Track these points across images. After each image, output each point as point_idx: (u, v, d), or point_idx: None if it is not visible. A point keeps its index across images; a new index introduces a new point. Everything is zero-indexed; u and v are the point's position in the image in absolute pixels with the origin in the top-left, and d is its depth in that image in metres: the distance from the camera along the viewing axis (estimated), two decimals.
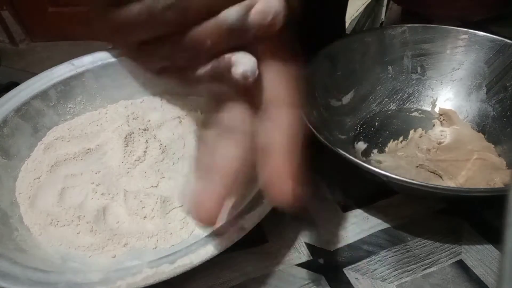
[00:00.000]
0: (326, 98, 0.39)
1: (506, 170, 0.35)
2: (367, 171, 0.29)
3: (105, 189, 0.34)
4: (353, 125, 0.40)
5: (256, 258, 0.31)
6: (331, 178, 0.37)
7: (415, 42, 0.42)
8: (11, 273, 0.26)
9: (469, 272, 0.30)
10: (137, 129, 0.38)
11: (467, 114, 0.40)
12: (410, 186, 0.28)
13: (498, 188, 0.31)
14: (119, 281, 0.25)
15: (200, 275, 0.30)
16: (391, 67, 0.42)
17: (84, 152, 0.37)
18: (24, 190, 0.34)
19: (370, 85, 0.42)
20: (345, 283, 0.30)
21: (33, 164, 0.36)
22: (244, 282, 0.30)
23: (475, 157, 0.36)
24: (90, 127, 0.39)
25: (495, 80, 0.39)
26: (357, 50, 0.42)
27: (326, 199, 0.36)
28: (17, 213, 0.33)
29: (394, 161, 0.37)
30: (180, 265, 0.25)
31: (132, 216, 0.33)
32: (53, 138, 0.38)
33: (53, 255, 0.30)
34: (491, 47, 0.39)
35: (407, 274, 0.30)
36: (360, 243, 0.32)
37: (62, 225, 0.32)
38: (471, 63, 0.40)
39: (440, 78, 0.42)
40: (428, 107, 0.42)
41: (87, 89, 0.41)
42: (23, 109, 0.38)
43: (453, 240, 0.32)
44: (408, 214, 0.34)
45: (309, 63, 0.38)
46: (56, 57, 0.42)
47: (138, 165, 0.36)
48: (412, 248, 0.32)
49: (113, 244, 0.31)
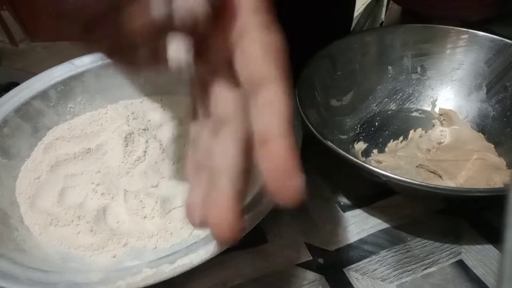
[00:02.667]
0: (326, 98, 0.39)
1: (506, 170, 0.35)
2: (367, 171, 0.29)
3: (105, 189, 0.34)
4: (353, 125, 0.40)
5: (256, 258, 0.31)
6: (331, 178, 0.37)
7: (415, 42, 0.42)
8: (11, 273, 0.26)
9: (469, 272, 0.30)
10: (137, 129, 0.38)
11: (467, 114, 0.40)
12: (410, 186, 0.28)
13: (498, 188, 0.31)
14: (119, 281, 0.25)
15: (200, 275, 0.30)
16: (391, 67, 0.42)
17: (84, 152, 0.37)
18: (24, 190, 0.34)
19: (370, 85, 0.42)
20: (345, 283, 0.30)
21: (33, 164, 0.36)
22: (244, 282, 0.30)
23: (475, 157, 0.36)
24: (90, 127, 0.39)
25: (495, 80, 0.39)
26: (357, 50, 0.42)
27: (326, 199, 0.36)
28: (17, 213, 0.33)
29: (394, 161, 0.37)
30: (180, 265, 0.25)
31: (132, 216, 0.33)
32: (53, 138, 0.38)
33: (53, 255, 0.30)
34: (491, 47, 0.39)
35: (407, 274, 0.30)
36: (360, 243, 0.32)
37: (62, 225, 0.32)
38: (471, 63, 0.40)
39: (440, 78, 0.42)
40: (428, 107, 0.42)
41: (87, 89, 0.41)
42: (23, 109, 0.38)
43: (453, 240, 0.32)
44: (408, 214, 0.34)
45: (309, 63, 0.38)
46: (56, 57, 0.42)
47: (138, 165, 0.36)
48: (412, 248, 0.32)
49: (113, 244, 0.31)
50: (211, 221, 0.19)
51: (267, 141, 0.18)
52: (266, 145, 0.18)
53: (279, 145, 0.18)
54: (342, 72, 0.41)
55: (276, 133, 0.18)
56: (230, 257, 0.31)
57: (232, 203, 0.19)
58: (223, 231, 0.19)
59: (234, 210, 0.19)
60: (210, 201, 0.20)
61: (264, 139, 0.18)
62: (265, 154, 0.18)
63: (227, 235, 0.19)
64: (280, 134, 0.18)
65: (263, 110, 0.19)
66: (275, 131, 0.18)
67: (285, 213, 0.34)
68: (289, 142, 0.18)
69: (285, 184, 0.18)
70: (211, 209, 0.19)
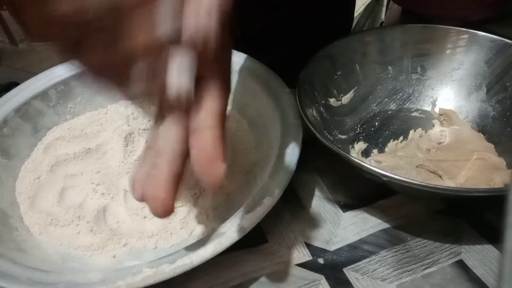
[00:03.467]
0: (326, 98, 0.39)
1: (506, 170, 0.35)
2: (367, 171, 0.29)
3: (105, 189, 0.34)
4: (353, 125, 0.40)
5: (256, 258, 0.31)
6: (331, 178, 0.37)
7: (415, 42, 0.42)
8: (11, 273, 0.26)
9: (469, 272, 0.30)
10: (137, 129, 0.38)
11: (467, 114, 0.40)
12: (410, 186, 0.28)
13: (498, 188, 0.31)
14: (119, 281, 0.25)
15: (200, 275, 0.30)
16: (391, 67, 0.42)
17: (84, 152, 0.37)
18: (24, 190, 0.34)
19: (370, 85, 0.42)
20: (345, 283, 0.30)
21: (33, 164, 0.36)
22: (244, 282, 0.30)
23: (475, 157, 0.36)
24: (90, 127, 0.39)
25: (495, 80, 0.39)
26: (357, 50, 0.42)
27: (326, 199, 0.36)
28: (17, 213, 0.33)
29: (394, 161, 0.37)
30: (180, 265, 0.25)
31: (132, 216, 0.33)
32: (53, 138, 0.38)
33: (53, 255, 0.30)
34: (491, 47, 0.39)
35: (407, 274, 0.30)
36: (360, 243, 0.32)
37: (62, 225, 0.32)
38: (471, 63, 0.40)
39: (440, 78, 0.42)
40: (428, 107, 0.42)
41: (87, 89, 0.41)
42: (23, 109, 0.38)
43: (453, 240, 0.32)
44: (408, 214, 0.34)
45: (309, 63, 0.38)
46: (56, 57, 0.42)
47: None
48: (412, 248, 0.32)
49: (113, 244, 0.31)
50: (148, 197, 0.21)
51: (197, 130, 0.21)
52: (196, 133, 0.21)
53: (207, 134, 0.20)
54: (342, 72, 0.41)
55: (207, 124, 0.20)
56: (230, 257, 0.31)
57: (166, 183, 0.21)
58: (157, 207, 0.21)
59: (167, 189, 0.21)
60: (148, 179, 0.22)
61: (196, 128, 0.21)
62: (194, 141, 0.21)
63: (159, 209, 0.21)
64: (210, 125, 0.20)
65: (201, 105, 0.21)
66: (206, 122, 0.20)
67: (285, 213, 0.34)
68: (217, 133, 0.20)
69: (207, 170, 0.20)
70: (148, 186, 0.21)
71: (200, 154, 0.20)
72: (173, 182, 0.21)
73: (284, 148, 0.32)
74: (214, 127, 0.21)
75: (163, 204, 0.21)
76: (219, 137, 0.21)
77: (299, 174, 0.34)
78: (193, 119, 0.21)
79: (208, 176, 0.20)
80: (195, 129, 0.21)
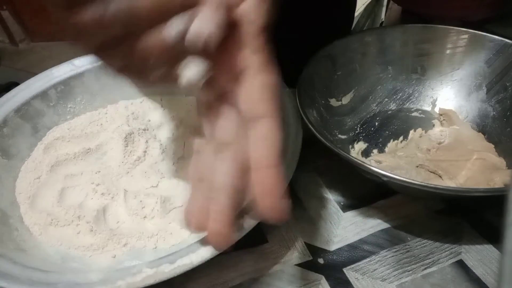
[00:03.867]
0: (326, 98, 0.39)
1: (506, 170, 0.35)
2: (367, 171, 0.29)
3: (105, 189, 0.34)
4: (353, 125, 0.40)
5: (256, 258, 0.31)
6: (331, 178, 0.37)
7: (415, 42, 0.42)
8: (11, 273, 0.26)
9: (469, 272, 0.30)
10: (137, 129, 0.38)
11: (467, 114, 0.40)
12: (410, 186, 0.28)
13: (498, 188, 0.31)
14: (119, 281, 0.25)
15: (200, 275, 0.30)
16: (391, 67, 0.42)
17: (84, 152, 0.37)
18: (24, 190, 0.34)
19: (370, 85, 0.42)
20: (345, 283, 0.30)
21: (33, 164, 0.36)
22: (244, 282, 0.30)
23: (475, 157, 0.36)
24: (90, 127, 0.39)
25: (495, 80, 0.39)
26: (357, 50, 0.42)
27: (326, 199, 0.36)
28: (17, 213, 0.33)
29: (394, 161, 0.37)
30: (180, 265, 0.25)
31: (132, 216, 0.33)
32: (53, 138, 0.38)
33: (53, 255, 0.30)
34: (491, 47, 0.39)
35: (407, 274, 0.30)
36: (360, 243, 0.32)
37: (62, 225, 0.32)
38: (471, 63, 0.40)
39: (440, 78, 0.42)
40: (428, 107, 0.42)
41: (87, 89, 0.41)
42: (23, 109, 0.38)
43: (453, 240, 0.32)
44: (408, 214, 0.34)
45: (309, 63, 0.38)
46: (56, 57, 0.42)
47: (138, 165, 0.36)
48: (412, 248, 0.32)
49: (113, 244, 0.31)
50: (209, 231, 0.23)
51: (260, 169, 0.22)
52: (258, 172, 0.22)
53: (269, 173, 0.22)
54: (342, 72, 0.41)
55: (267, 162, 0.22)
56: (230, 257, 0.31)
57: (228, 218, 0.23)
58: (219, 240, 0.23)
59: (229, 223, 0.23)
60: (208, 212, 0.23)
61: (257, 167, 0.22)
62: (257, 179, 0.22)
63: (222, 244, 0.24)
64: (270, 164, 0.22)
65: (258, 142, 0.22)
66: (266, 161, 0.22)
67: None
68: (277, 171, 0.22)
69: (271, 206, 0.22)
70: (210, 220, 0.23)
71: (264, 193, 0.22)
72: (233, 216, 0.23)
73: (284, 148, 0.32)
74: (274, 165, 0.22)
75: (227, 239, 0.23)
76: (282, 175, 0.22)
77: (299, 174, 0.34)
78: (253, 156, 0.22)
79: (274, 212, 0.22)
80: (257, 168, 0.22)
